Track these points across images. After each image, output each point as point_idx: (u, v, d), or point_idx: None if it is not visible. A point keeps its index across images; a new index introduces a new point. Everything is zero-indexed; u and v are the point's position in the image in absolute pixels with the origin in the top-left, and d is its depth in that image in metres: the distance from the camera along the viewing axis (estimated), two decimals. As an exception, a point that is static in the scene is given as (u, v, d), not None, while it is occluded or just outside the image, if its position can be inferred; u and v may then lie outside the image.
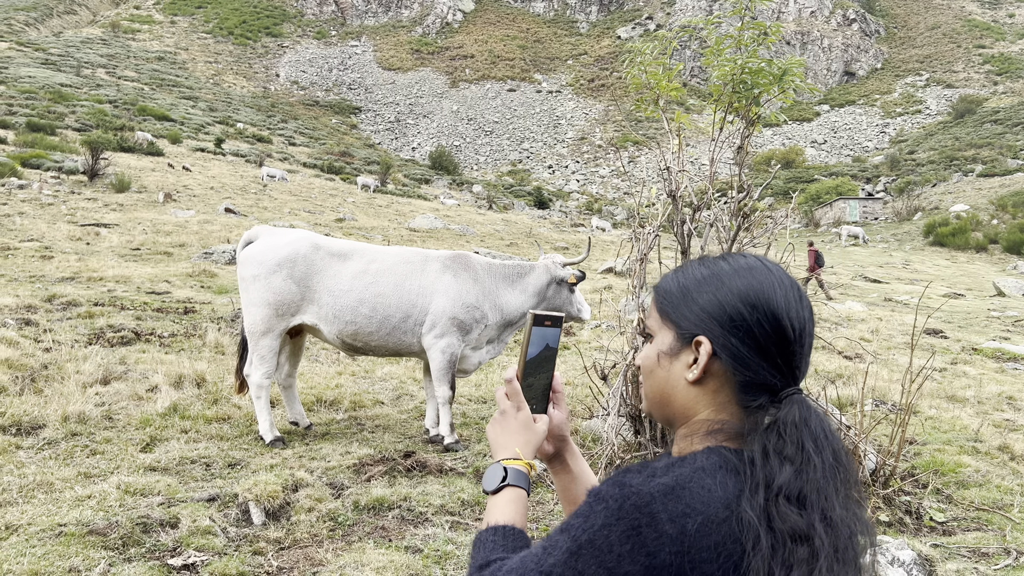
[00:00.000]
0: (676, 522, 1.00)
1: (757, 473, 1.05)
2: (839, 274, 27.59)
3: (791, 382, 1.13)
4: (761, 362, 1.12)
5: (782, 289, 1.14)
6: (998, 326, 15.92)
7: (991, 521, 4.81)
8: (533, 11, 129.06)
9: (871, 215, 53.70)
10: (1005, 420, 7.43)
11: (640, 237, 5.77)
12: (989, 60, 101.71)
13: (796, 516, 1.02)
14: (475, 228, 33.23)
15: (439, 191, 57.62)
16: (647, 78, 5.49)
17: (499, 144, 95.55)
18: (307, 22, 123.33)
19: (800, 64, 5.06)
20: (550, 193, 72.74)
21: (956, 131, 78.50)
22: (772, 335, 1.12)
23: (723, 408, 1.15)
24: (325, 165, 55.45)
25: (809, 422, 1.08)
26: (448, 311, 5.33)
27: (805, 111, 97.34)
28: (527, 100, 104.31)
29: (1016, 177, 54.65)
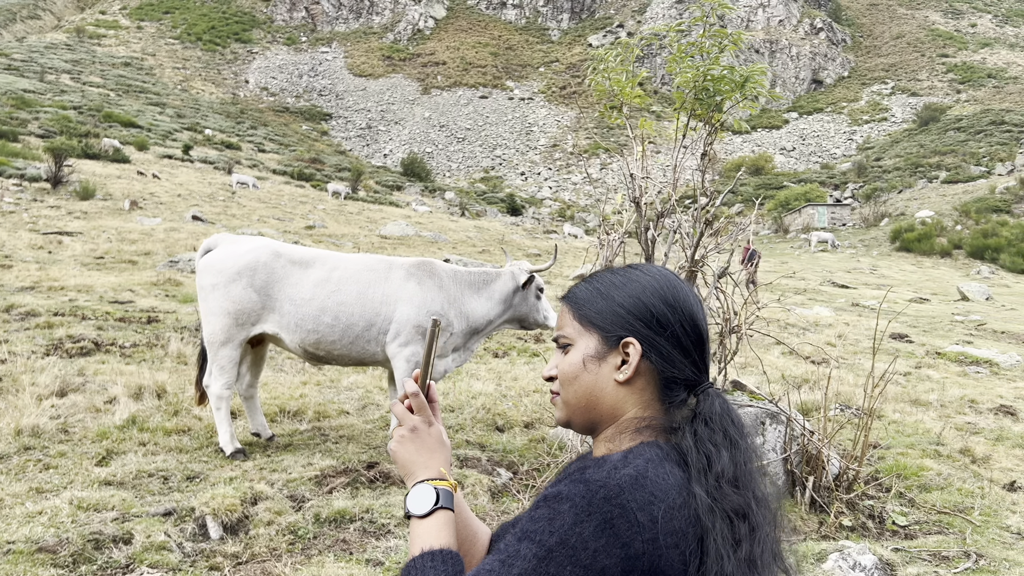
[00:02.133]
0: (645, 510, 1.05)
1: (697, 461, 1.13)
2: (807, 279, 27.89)
3: (705, 377, 1.24)
4: (683, 359, 1.21)
5: (691, 293, 1.27)
6: (961, 330, 16.18)
7: (952, 524, 4.86)
8: (505, 18, 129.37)
9: (839, 221, 54.42)
10: (967, 423, 7.53)
11: (606, 244, 5.77)
12: (952, 69, 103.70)
13: (736, 496, 1.10)
14: (447, 235, 33.14)
15: (411, 198, 57.43)
16: (611, 85, 5.50)
17: (471, 151, 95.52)
18: (277, 28, 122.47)
19: (762, 71, 5.09)
20: (523, 200, 72.83)
21: (921, 138, 79.90)
22: (691, 333, 1.23)
23: (649, 405, 1.22)
24: (295, 172, 55.02)
25: (729, 412, 1.19)
26: (413, 319, 5.27)
27: (774, 118, 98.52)
28: (499, 107, 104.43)
29: (979, 184, 55.73)
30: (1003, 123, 77.07)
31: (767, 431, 4.96)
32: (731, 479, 1.11)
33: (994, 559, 4.24)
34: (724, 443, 1.15)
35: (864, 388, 5.31)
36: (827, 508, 4.74)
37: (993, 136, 73.78)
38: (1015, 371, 10.80)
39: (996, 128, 76.00)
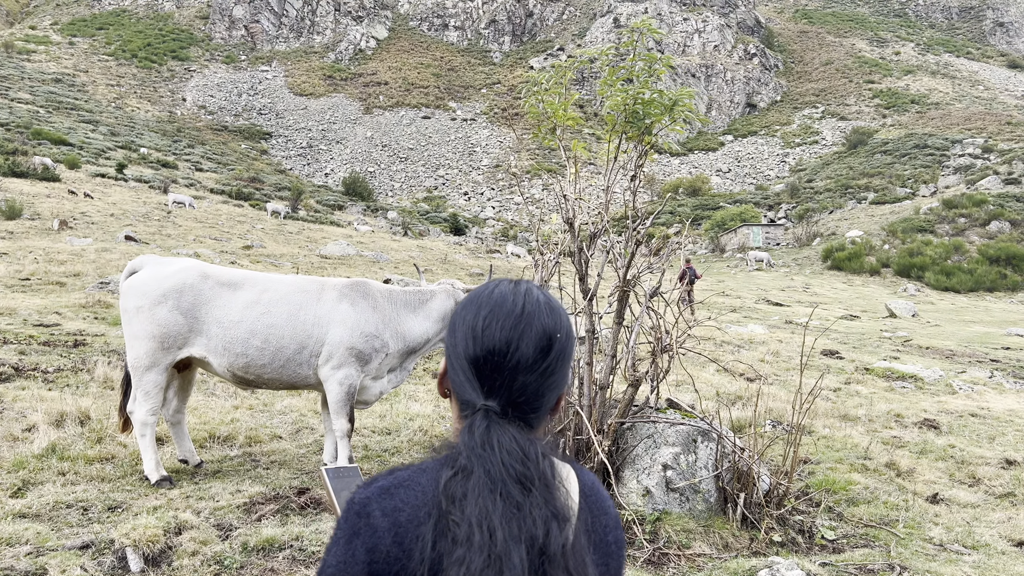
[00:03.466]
0: (389, 516, 1.16)
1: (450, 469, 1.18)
2: (743, 298, 28.51)
3: (491, 399, 1.22)
4: (463, 380, 1.24)
5: (480, 316, 1.25)
6: (889, 346, 16.71)
7: (878, 537, 4.98)
8: (447, 40, 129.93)
9: (773, 241, 55.87)
10: (893, 437, 7.75)
11: (540, 264, 5.81)
12: (878, 94, 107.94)
13: (458, 507, 1.11)
14: (389, 254, 32.91)
15: (352, 217, 56.92)
16: (544, 107, 5.55)
17: (414, 170, 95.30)
18: (215, 46, 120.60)
19: (690, 95, 5.21)
20: (466, 219, 72.88)
21: (850, 161, 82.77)
22: (462, 356, 1.25)
23: (458, 419, 1.28)
24: (234, 191, 54.03)
25: (474, 428, 1.18)
26: (346, 341, 5.20)
27: (710, 141, 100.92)
28: (442, 127, 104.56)
29: (904, 204, 57.93)
30: (926, 146, 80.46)
31: (699, 449, 5.03)
32: (459, 492, 1.12)
33: (917, 571, 4.36)
34: (466, 463, 1.15)
35: (793, 405, 5.42)
36: (758, 524, 4.82)
37: (917, 159, 76.93)
38: (938, 386, 11.19)
39: (919, 151, 79.27)
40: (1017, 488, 6.10)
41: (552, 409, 1.32)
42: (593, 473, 1.37)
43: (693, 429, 5.08)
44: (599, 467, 4.89)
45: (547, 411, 1.29)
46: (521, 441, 1.17)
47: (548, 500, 1.12)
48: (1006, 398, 10.50)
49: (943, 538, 4.94)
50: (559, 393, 1.30)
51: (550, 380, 1.25)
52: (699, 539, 4.60)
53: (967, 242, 45.90)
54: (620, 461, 5.11)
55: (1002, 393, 10.91)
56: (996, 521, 5.33)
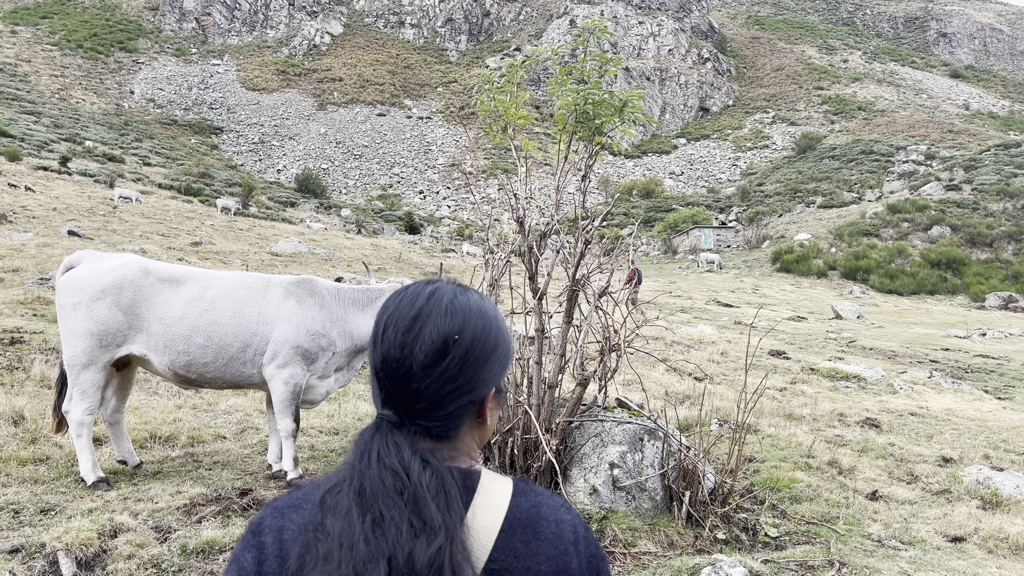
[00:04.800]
0: (276, 534, 1.17)
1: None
2: (694, 299, 28.90)
3: (387, 407, 1.21)
4: (375, 386, 1.23)
5: (391, 322, 1.22)
6: (834, 347, 17.09)
7: (819, 534, 5.07)
8: (403, 37, 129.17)
9: (724, 243, 56.76)
10: (836, 436, 7.92)
11: (491, 263, 5.79)
12: (826, 101, 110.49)
13: (327, 521, 1.10)
14: (342, 253, 32.57)
15: (305, 215, 56.21)
16: (496, 106, 5.54)
17: (369, 168, 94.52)
18: (165, 38, 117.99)
19: (640, 96, 5.24)
20: (421, 218, 72.54)
21: (799, 165, 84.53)
22: (370, 363, 1.23)
23: None
24: (183, 186, 52.93)
25: (360, 439, 1.17)
26: (291, 339, 5.11)
27: (664, 144, 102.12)
28: (397, 125, 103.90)
29: (851, 209, 59.36)
30: (872, 152, 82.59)
31: (646, 447, 5.06)
32: (331, 510, 1.11)
33: (856, 567, 4.44)
34: (350, 473, 1.15)
35: (738, 404, 5.50)
36: (703, 522, 4.87)
37: (863, 164, 78.93)
38: (880, 386, 11.48)
39: (866, 157, 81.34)
40: (953, 485, 6.28)
41: (478, 414, 1.27)
42: (549, 492, 1.31)
43: (640, 428, 5.12)
44: (547, 466, 4.90)
45: (462, 418, 1.23)
46: (404, 453, 1.14)
47: (418, 514, 1.08)
48: (944, 397, 10.81)
49: (881, 534, 5.06)
50: (474, 398, 1.23)
51: (451, 385, 1.20)
52: (645, 537, 4.63)
53: (910, 246, 47.25)
54: (568, 460, 5.12)
55: (940, 393, 11.23)
56: (932, 517, 5.47)
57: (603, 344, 5.31)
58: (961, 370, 14.79)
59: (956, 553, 4.82)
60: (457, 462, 1.23)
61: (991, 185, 56.97)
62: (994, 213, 52.55)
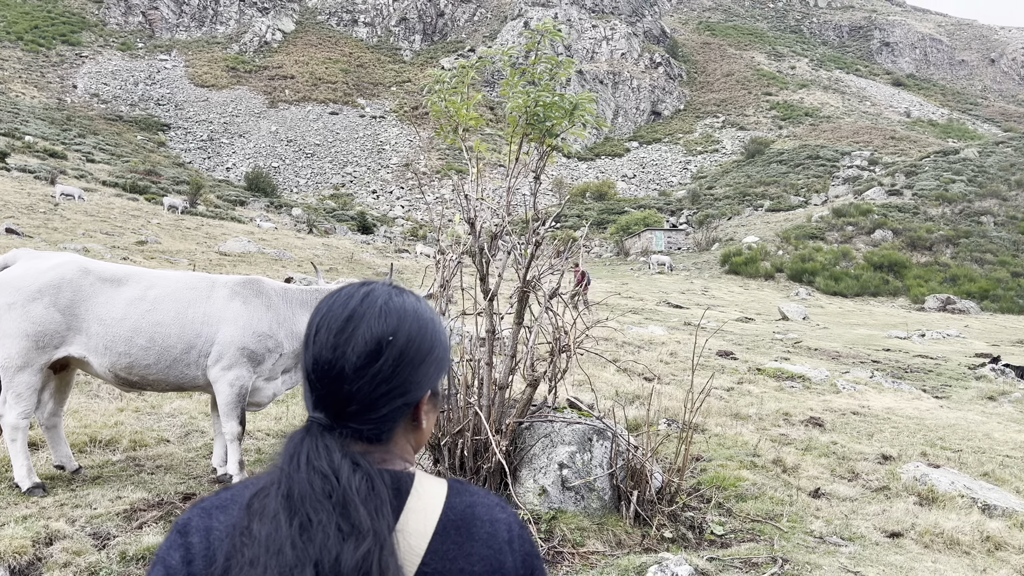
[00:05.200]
0: (203, 535, 1.15)
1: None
2: (645, 300, 29.22)
3: (319, 410, 1.19)
4: (307, 388, 1.22)
5: (323, 323, 1.21)
6: (780, 347, 17.44)
7: (764, 531, 5.16)
8: (356, 36, 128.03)
9: (675, 245, 57.54)
10: (781, 435, 8.08)
11: (442, 264, 5.77)
12: (775, 106, 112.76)
13: (254, 525, 1.09)
14: (293, 252, 32.15)
15: (255, 214, 55.32)
16: (446, 106, 5.52)
17: (321, 167, 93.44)
18: (110, 32, 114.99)
19: (590, 99, 5.28)
20: (374, 218, 71.99)
21: (748, 169, 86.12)
22: (304, 365, 1.22)
23: None
24: (128, 184, 51.64)
25: (290, 442, 1.16)
26: (237, 341, 5.02)
27: (617, 147, 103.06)
28: (350, 124, 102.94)
29: (798, 212, 60.70)
30: (818, 157, 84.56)
31: (595, 447, 5.10)
32: (258, 514, 1.10)
33: (798, 563, 4.54)
34: (279, 475, 1.13)
35: (685, 404, 5.57)
36: (650, 521, 4.92)
37: (810, 169, 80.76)
38: (824, 385, 11.75)
39: (812, 162, 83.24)
40: (892, 482, 6.45)
41: (413, 417, 1.26)
42: (484, 492, 1.30)
43: (589, 428, 5.16)
44: (497, 467, 4.90)
45: (396, 421, 1.23)
46: (334, 456, 1.12)
47: (346, 517, 1.07)
48: (884, 397, 11.12)
49: (823, 531, 5.18)
50: (408, 400, 1.22)
51: (384, 388, 1.19)
52: (593, 537, 4.67)
53: (854, 249, 48.49)
54: (518, 461, 5.13)
55: (881, 392, 11.55)
56: (872, 514, 5.62)
57: (553, 345, 5.33)
58: (901, 370, 15.23)
59: (894, 548, 4.96)
60: (390, 465, 1.22)
61: (931, 191, 58.82)
62: (933, 218, 54.27)
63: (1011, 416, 10.71)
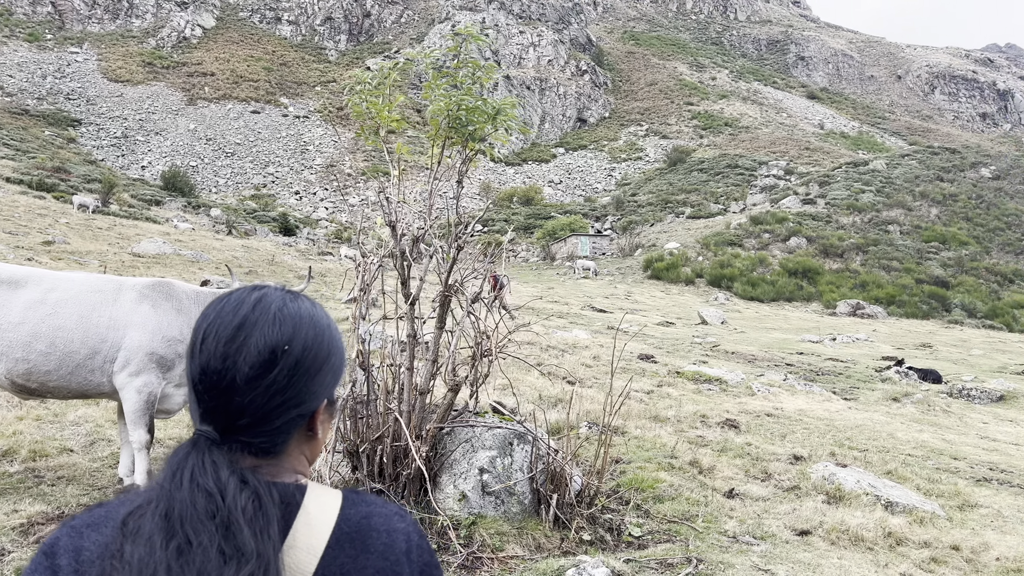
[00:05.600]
0: (70, 555, 1.07)
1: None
2: (570, 304, 29.49)
3: (207, 423, 1.13)
4: (190, 401, 1.15)
5: (211, 331, 1.14)
6: (699, 351, 17.86)
7: (680, 532, 5.27)
8: (279, 34, 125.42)
9: (599, 251, 58.34)
10: (698, 436, 8.26)
11: (362, 268, 5.69)
12: (696, 116, 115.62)
13: (127, 546, 1.02)
14: (211, 254, 31.21)
15: (172, 214, 53.53)
16: (368, 107, 5.46)
17: (241, 167, 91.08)
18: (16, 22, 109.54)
19: (512, 104, 5.30)
20: (297, 220, 70.55)
21: (670, 177, 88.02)
22: (187, 374, 1.16)
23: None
24: (34, 181, 49.23)
25: (173, 457, 1.09)
26: (145, 346, 4.83)
27: (543, 152, 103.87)
28: (272, 123, 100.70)
29: (717, 219, 62.38)
30: (737, 167, 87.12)
31: (515, 451, 5.11)
32: (132, 534, 1.03)
33: (712, 563, 4.64)
34: (158, 491, 1.07)
35: (604, 407, 5.64)
36: (569, 524, 4.96)
37: (729, 178, 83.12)
38: (740, 388, 12.09)
39: (731, 171, 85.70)
40: (802, 482, 6.68)
41: (308, 428, 1.21)
42: (382, 501, 1.26)
43: (510, 432, 5.16)
44: (416, 473, 4.86)
45: (289, 433, 1.18)
46: (221, 473, 1.06)
47: (230, 539, 1.01)
48: (797, 399, 11.51)
49: (736, 530, 5.31)
50: (303, 411, 1.18)
51: (279, 399, 1.13)
52: (512, 541, 4.67)
53: (770, 256, 50.11)
54: (438, 466, 5.10)
55: (794, 394, 11.95)
56: (783, 513, 5.80)
57: (475, 349, 5.32)
58: (813, 373, 15.79)
59: (803, 546, 5.12)
60: (280, 478, 1.17)
61: (842, 200, 61.35)
62: (844, 226, 56.60)
63: (913, 416, 11.24)
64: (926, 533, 5.46)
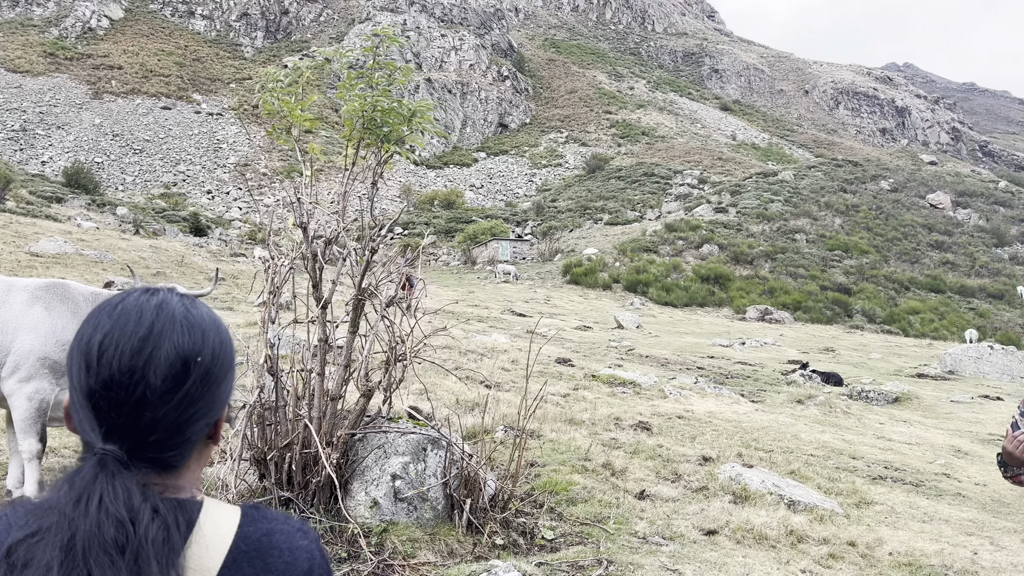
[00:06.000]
0: None
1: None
2: (490, 308, 29.55)
3: (112, 441, 1.02)
4: (81, 417, 1.03)
5: (96, 339, 1.04)
6: (615, 355, 18.16)
7: (591, 534, 5.32)
8: (193, 28, 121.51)
9: (520, 255, 58.70)
10: (612, 439, 8.38)
11: (272, 270, 5.55)
12: (614, 125, 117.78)
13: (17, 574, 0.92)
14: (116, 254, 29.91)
15: (75, 212, 51.11)
16: (280, 106, 5.33)
17: (151, 164, 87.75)
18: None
19: (429, 107, 5.27)
20: (209, 220, 68.43)
21: (589, 184, 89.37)
22: (77, 388, 1.04)
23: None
24: (-80, 175, 46.26)
25: (75, 480, 0.98)
26: (37, 350, 4.57)
27: (465, 156, 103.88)
28: (184, 120, 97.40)
29: (634, 226, 63.68)
30: (653, 175, 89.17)
31: (429, 457, 5.07)
32: (22, 566, 0.93)
33: (622, 564, 4.71)
34: (56, 515, 0.97)
35: (519, 410, 5.66)
36: (482, 529, 4.95)
37: (645, 186, 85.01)
38: (653, 391, 12.34)
39: (647, 179, 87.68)
40: (710, 482, 6.85)
41: (211, 438, 1.15)
42: (284, 517, 1.16)
43: (423, 438, 5.12)
44: (326, 481, 4.76)
45: (196, 444, 1.11)
46: (132, 497, 0.98)
47: (135, 572, 0.94)
48: (707, 401, 11.83)
49: (646, 531, 5.41)
50: (211, 420, 1.12)
51: (191, 411, 1.07)
52: (425, 547, 4.63)
53: (684, 262, 51.47)
54: (350, 473, 5.01)
55: (704, 397, 12.28)
56: (691, 513, 5.93)
57: (389, 354, 5.25)
58: (723, 376, 16.27)
59: (710, 545, 5.26)
60: (182, 494, 1.09)
61: (752, 209, 63.54)
62: (754, 234, 58.64)
63: (816, 418, 11.70)
64: (825, 530, 5.68)
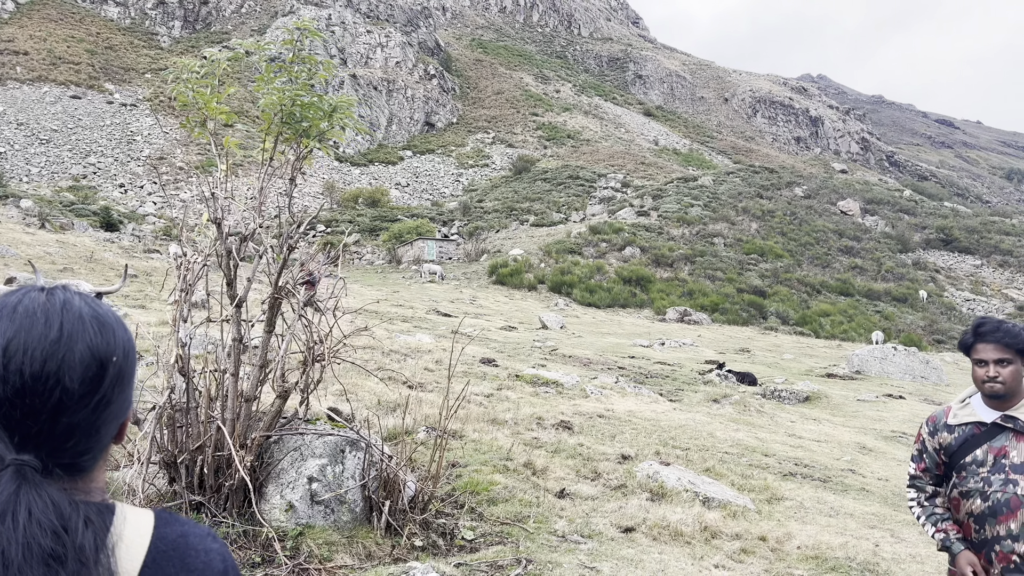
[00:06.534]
0: None
1: None
2: (415, 308, 29.33)
3: (27, 451, 0.96)
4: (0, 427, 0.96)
5: (17, 347, 0.97)
6: (539, 355, 18.28)
7: (512, 534, 5.34)
8: (105, 15, 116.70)
9: (446, 255, 58.49)
10: (534, 438, 8.43)
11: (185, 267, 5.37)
12: (541, 127, 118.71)
13: None
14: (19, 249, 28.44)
15: (-27, 204, 48.41)
16: (195, 97, 5.17)
17: (58, 155, 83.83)
18: None
19: (350, 103, 5.19)
20: (121, 214, 65.84)
21: (515, 185, 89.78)
22: None
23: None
24: None
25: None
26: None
27: (391, 154, 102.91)
28: (95, 110, 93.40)
29: (559, 228, 64.28)
30: (578, 178, 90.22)
31: (347, 459, 4.99)
32: None
33: (541, 563, 4.74)
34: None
35: (440, 411, 5.63)
36: (401, 531, 4.90)
37: (570, 188, 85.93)
38: (575, 390, 12.47)
39: (573, 182, 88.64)
40: (629, 480, 6.96)
41: (116, 438, 1.10)
42: (193, 521, 1.14)
43: (342, 439, 5.04)
44: (240, 484, 4.63)
45: (106, 446, 1.07)
46: (61, 507, 0.93)
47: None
48: (627, 400, 12.02)
49: (565, 530, 5.45)
50: (122, 419, 1.08)
51: (106, 412, 1.02)
52: (342, 551, 4.55)
53: (607, 264, 52.23)
54: (264, 476, 4.89)
55: (624, 396, 12.47)
56: (610, 511, 6.01)
57: (307, 354, 5.15)
58: (643, 375, 16.57)
59: (627, 542, 5.34)
60: (93, 497, 1.04)
61: (673, 213, 65.01)
62: (675, 238, 60.00)
63: (731, 416, 12.03)
64: (738, 526, 5.84)
